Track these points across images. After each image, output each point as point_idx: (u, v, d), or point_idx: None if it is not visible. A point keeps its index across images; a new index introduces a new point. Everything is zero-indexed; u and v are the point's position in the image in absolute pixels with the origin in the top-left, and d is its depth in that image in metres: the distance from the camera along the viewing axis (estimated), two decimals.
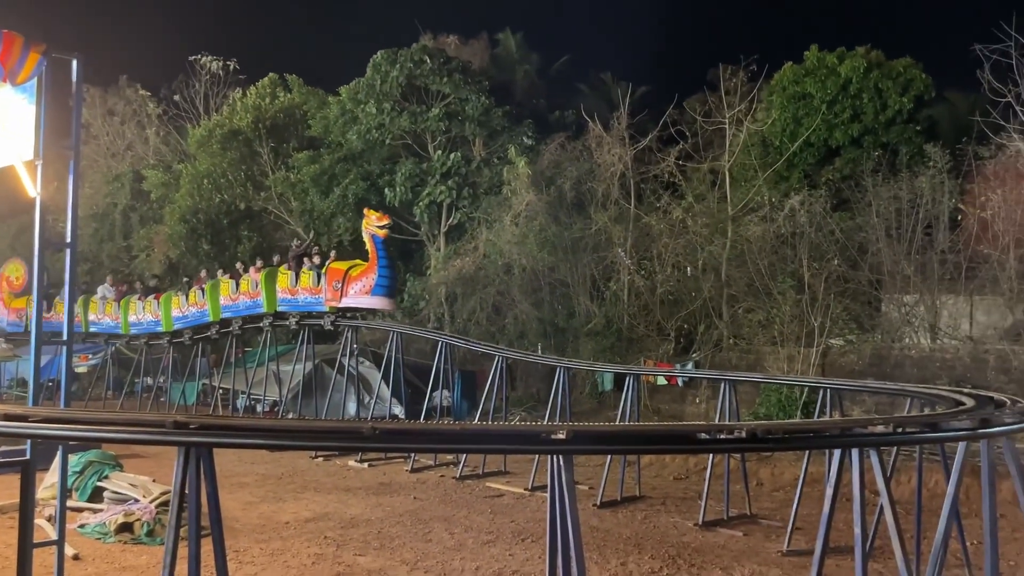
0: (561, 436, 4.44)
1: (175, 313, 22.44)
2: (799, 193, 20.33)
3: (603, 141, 23.35)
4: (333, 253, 19.99)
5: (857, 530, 5.16)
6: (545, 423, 13.10)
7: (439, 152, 26.54)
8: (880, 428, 4.93)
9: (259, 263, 20.78)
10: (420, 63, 26.40)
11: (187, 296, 22.15)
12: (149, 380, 25.20)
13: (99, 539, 10.14)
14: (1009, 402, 6.70)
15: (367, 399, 19.64)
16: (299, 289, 18.81)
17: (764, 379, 13.84)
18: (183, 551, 4.81)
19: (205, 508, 5.08)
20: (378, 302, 17.50)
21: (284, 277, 19.01)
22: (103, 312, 23.88)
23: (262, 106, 30.49)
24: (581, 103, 27.07)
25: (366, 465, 15.75)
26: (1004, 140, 18.50)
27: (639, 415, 14.05)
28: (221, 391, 22.12)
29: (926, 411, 8.74)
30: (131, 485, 11.20)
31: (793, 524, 10.04)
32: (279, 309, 19.31)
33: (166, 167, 33.75)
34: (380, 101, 26.63)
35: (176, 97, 36.77)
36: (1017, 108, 19.21)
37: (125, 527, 10.15)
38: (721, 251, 20.75)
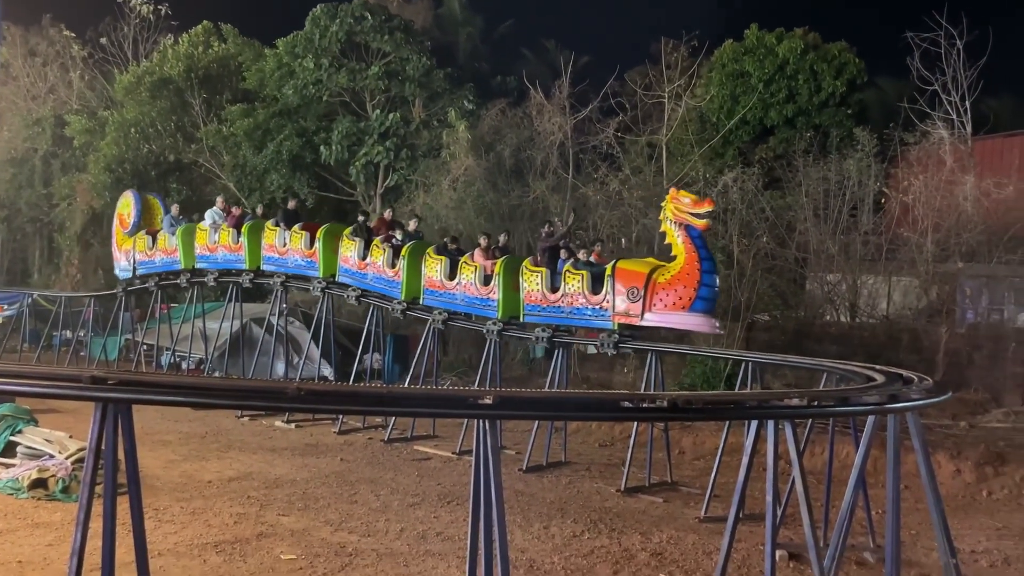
0: (487, 401, 4.49)
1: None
2: (733, 170, 20.68)
3: (544, 109, 23.30)
4: (598, 247, 14.35)
5: (769, 497, 5.38)
6: (475, 388, 13.18)
7: (378, 112, 26.12)
8: (795, 401, 5.13)
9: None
10: (361, 19, 25.82)
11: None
12: (68, 333, 24.39)
13: (11, 495, 9.87)
14: (916, 379, 7.02)
15: (296, 360, 19.40)
16: (568, 296, 12.97)
17: (690, 350, 14.16)
18: (98, 509, 4.73)
19: (124, 466, 4.99)
20: (698, 322, 11.94)
21: (575, 278, 12.90)
22: (216, 241, 17.97)
23: (195, 55, 29.42)
24: (524, 69, 26.91)
25: (293, 426, 15.62)
26: (929, 127, 19.17)
27: (568, 383, 14.25)
28: (145, 347, 21.56)
29: (841, 386, 9.10)
30: (46, 441, 10.89)
31: (711, 491, 10.37)
32: (526, 319, 13.64)
33: (91, 113, 32.36)
34: (318, 56, 26.00)
35: (103, 40, 35.16)
36: (943, 97, 19.88)
37: (39, 483, 9.89)
38: (655, 224, 20.99)
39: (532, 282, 13.32)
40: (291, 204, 18.52)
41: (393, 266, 14.87)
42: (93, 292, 25.62)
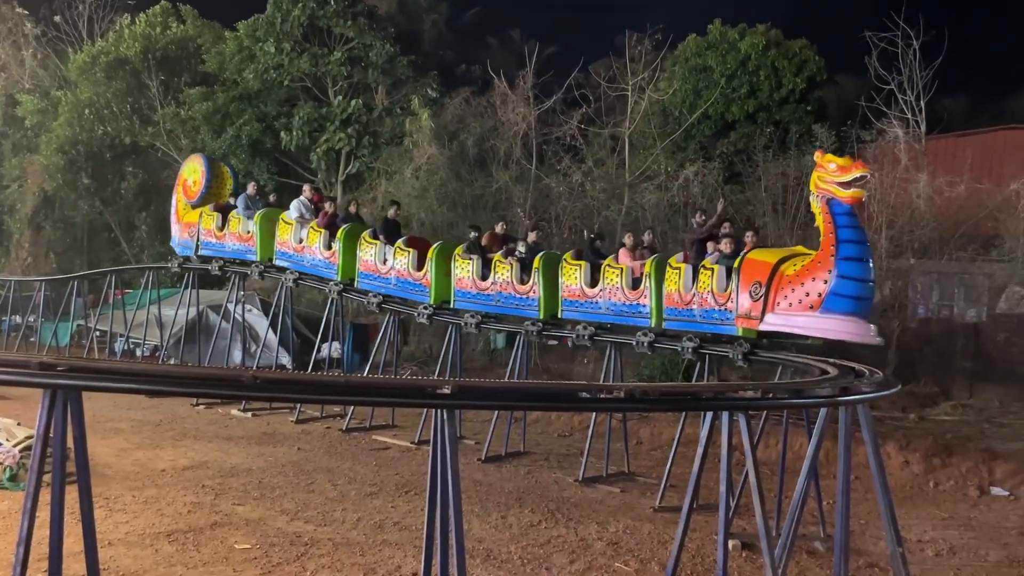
0: (446, 391, 4.49)
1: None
2: (694, 164, 20.88)
3: (508, 99, 23.25)
4: (751, 236, 11.27)
5: (722, 488, 5.45)
6: (434, 378, 13.17)
7: (340, 98, 25.84)
8: (750, 393, 5.20)
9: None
10: (324, 3, 25.47)
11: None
12: (18, 319, 23.83)
13: None
14: (868, 372, 7.16)
15: (253, 348, 19.18)
16: (699, 296, 10.80)
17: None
18: (46, 497, 4.63)
19: (73, 454, 4.90)
20: (837, 327, 9.25)
21: (706, 274, 10.77)
22: (303, 241, 15.40)
23: (152, 36, 28.81)
24: (488, 59, 26.78)
25: (250, 415, 15.45)
26: (885, 126, 19.51)
27: (528, 373, 14.29)
28: (97, 333, 21.14)
29: (796, 378, 9.25)
30: None
31: (667, 481, 10.48)
32: (666, 325, 11.43)
33: (43, 93, 31.53)
34: (280, 40, 25.62)
35: (57, 18, 34.30)
36: (899, 96, 20.25)
37: None
38: (617, 216, 21.14)
39: (672, 282, 11.24)
40: (392, 213, 15.23)
41: (523, 282, 12.88)
42: (44, 276, 25.05)
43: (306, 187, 16.96)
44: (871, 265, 9.74)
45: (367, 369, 15.88)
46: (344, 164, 26.00)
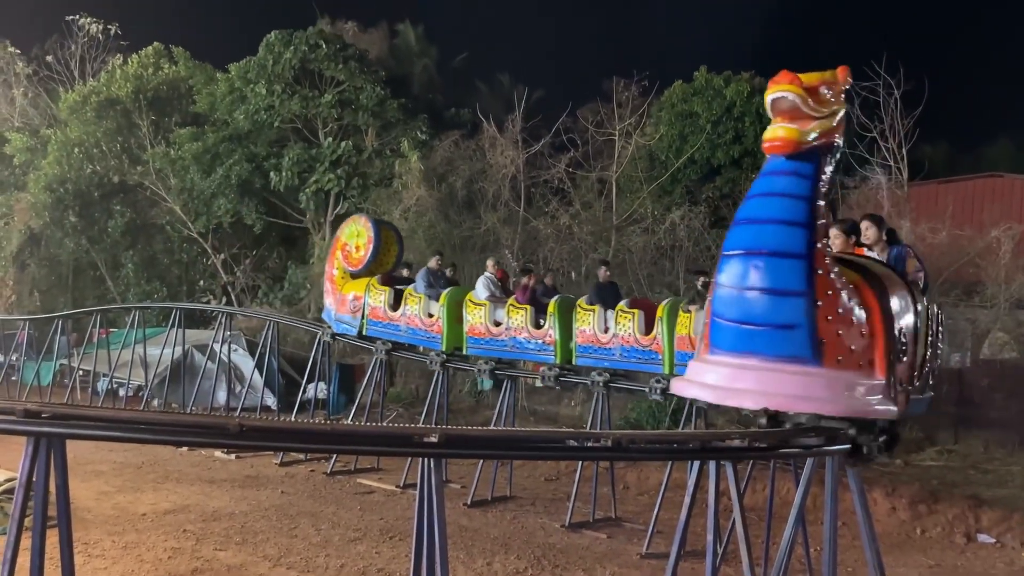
0: (433, 439, 4.48)
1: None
2: (680, 208, 21.09)
3: (497, 142, 23.50)
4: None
5: (710, 536, 5.44)
6: (420, 424, 13.12)
7: (330, 139, 26.02)
8: (736, 443, 5.21)
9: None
10: (315, 47, 25.80)
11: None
12: (0, 357, 23.57)
13: None
14: None
15: (238, 388, 19.03)
16: None
17: (636, 386, 14.18)
18: (26, 543, 4.57)
19: (53, 498, 4.84)
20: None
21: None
22: (503, 320, 12.70)
23: (144, 76, 29.02)
24: (477, 102, 27.11)
25: (233, 456, 15.28)
26: (868, 173, 19.81)
27: (515, 416, 14.22)
28: (81, 373, 20.92)
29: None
30: None
31: (654, 528, 10.42)
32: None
33: (33, 131, 31.59)
34: (271, 82, 25.87)
35: (49, 58, 34.44)
36: (881, 144, 20.59)
37: None
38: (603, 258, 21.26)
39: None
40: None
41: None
42: (28, 315, 24.86)
43: (489, 262, 14.05)
44: None
45: (353, 410, 15.76)
46: (333, 205, 26.10)
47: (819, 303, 5.34)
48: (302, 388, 16.81)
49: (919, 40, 38.80)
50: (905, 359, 5.77)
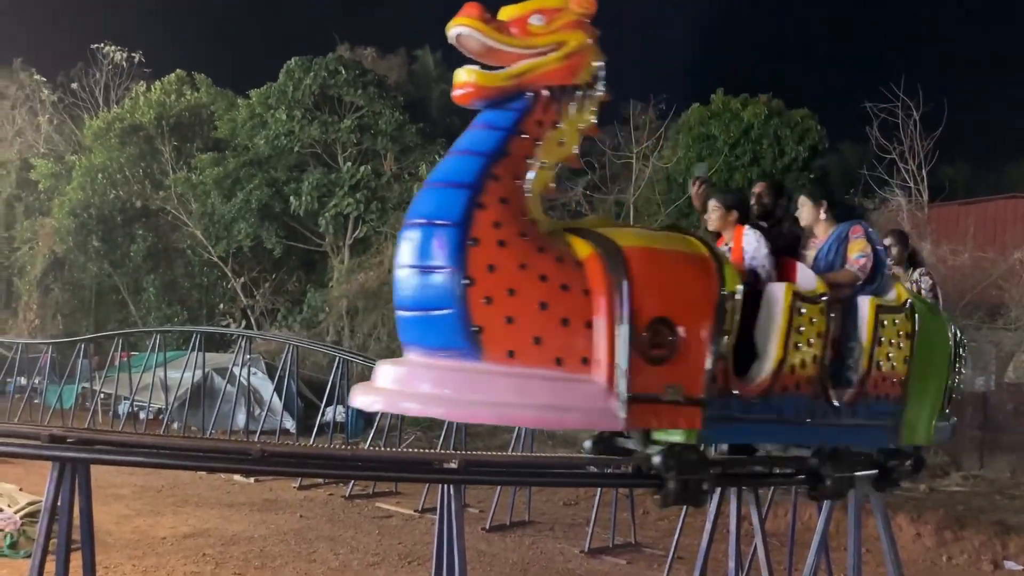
0: (453, 465, 4.48)
1: None
2: (698, 230, 21.06)
3: None
4: None
5: (731, 563, 5.40)
6: (438, 448, 13.10)
7: (349, 164, 26.27)
8: (758, 469, 5.18)
9: None
10: (335, 73, 26.14)
11: None
12: (23, 380, 23.81)
13: None
14: None
15: (257, 411, 19.10)
16: None
17: None
18: (49, 567, 4.60)
19: (77, 521, 4.87)
20: None
21: None
22: None
23: (167, 103, 29.50)
24: None
25: (252, 480, 15.30)
26: (887, 194, 19.74)
27: (534, 440, 14.16)
28: (102, 396, 21.09)
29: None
30: None
31: (674, 554, 10.28)
32: None
33: (58, 157, 32.17)
34: (291, 108, 26.21)
35: (74, 85, 35.17)
36: (900, 165, 20.53)
37: None
38: None
39: None
40: None
41: None
42: (51, 339, 25.13)
43: None
44: None
45: (371, 434, 15.77)
46: (352, 228, 26.29)
47: (471, 280, 4.14)
48: (320, 411, 16.86)
49: (938, 62, 38.82)
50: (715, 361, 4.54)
